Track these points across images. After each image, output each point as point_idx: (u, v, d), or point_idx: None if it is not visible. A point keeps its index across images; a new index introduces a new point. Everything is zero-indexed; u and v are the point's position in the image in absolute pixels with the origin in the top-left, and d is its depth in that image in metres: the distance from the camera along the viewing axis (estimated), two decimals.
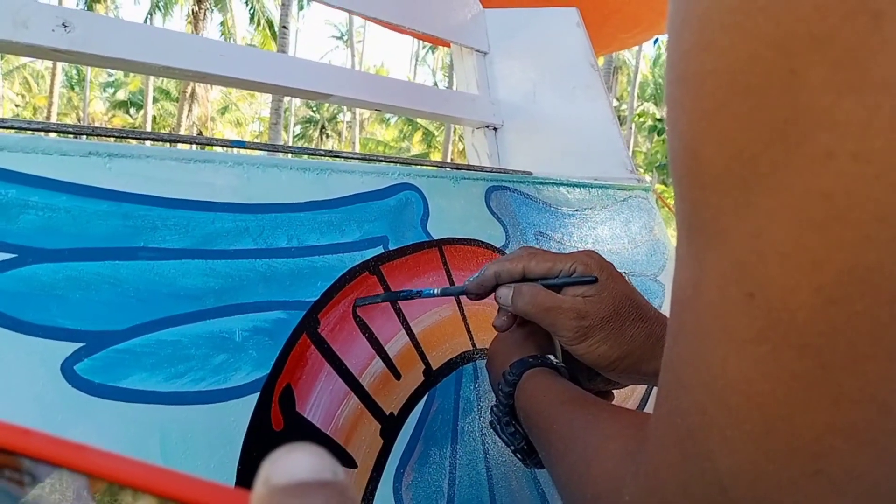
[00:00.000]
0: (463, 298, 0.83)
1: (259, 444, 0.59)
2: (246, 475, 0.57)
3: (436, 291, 0.69)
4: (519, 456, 0.60)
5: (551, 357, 0.62)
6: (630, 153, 1.42)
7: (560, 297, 0.59)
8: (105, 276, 0.55)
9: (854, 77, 0.21)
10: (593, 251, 0.63)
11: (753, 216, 0.24)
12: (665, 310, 1.14)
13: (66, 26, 0.82)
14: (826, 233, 0.22)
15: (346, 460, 0.65)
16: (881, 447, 0.24)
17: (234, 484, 0.57)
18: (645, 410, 1.00)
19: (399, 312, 0.75)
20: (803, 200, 0.22)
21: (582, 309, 0.58)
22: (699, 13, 0.24)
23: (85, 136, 0.71)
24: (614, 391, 0.68)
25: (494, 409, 0.61)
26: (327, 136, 32.04)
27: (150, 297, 0.57)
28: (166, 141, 0.77)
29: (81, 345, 0.52)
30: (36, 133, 0.62)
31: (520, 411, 0.58)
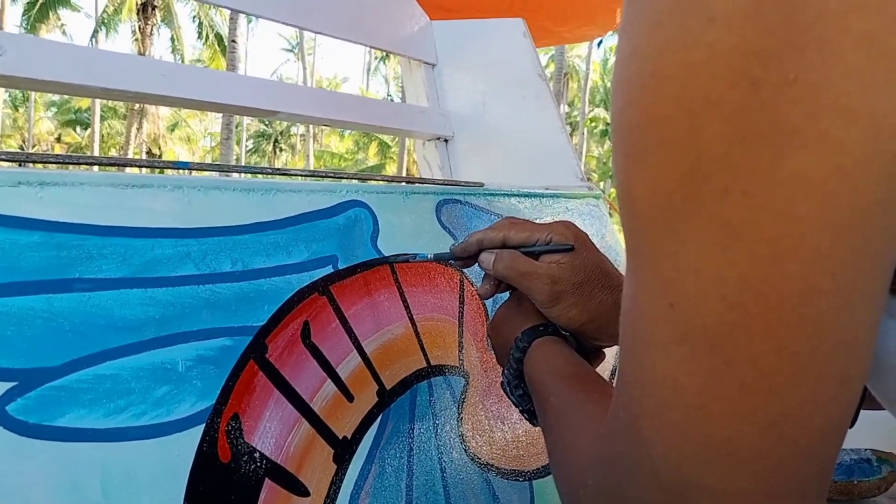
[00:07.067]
0: (420, 304, 0.83)
1: (206, 477, 0.57)
2: None
3: (429, 256, 0.77)
4: (525, 416, 0.64)
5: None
6: (583, 159, 1.43)
7: (536, 262, 0.65)
8: (38, 310, 0.53)
9: (739, 130, 0.26)
10: (570, 222, 0.69)
11: (671, 240, 0.29)
12: None
13: None
14: (726, 252, 0.27)
15: (299, 489, 0.64)
16: (779, 432, 0.28)
17: None
18: None
19: (350, 332, 0.74)
20: (708, 227, 0.27)
21: (555, 274, 0.63)
22: (627, 78, 0.30)
23: (19, 164, 0.68)
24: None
25: (505, 371, 0.65)
26: (281, 150, 31.74)
27: (87, 330, 0.54)
28: (105, 165, 0.75)
29: (14, 384, 0.50)
30: None
31: (526, 376, 0.62)
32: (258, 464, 0.61)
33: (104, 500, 0.52)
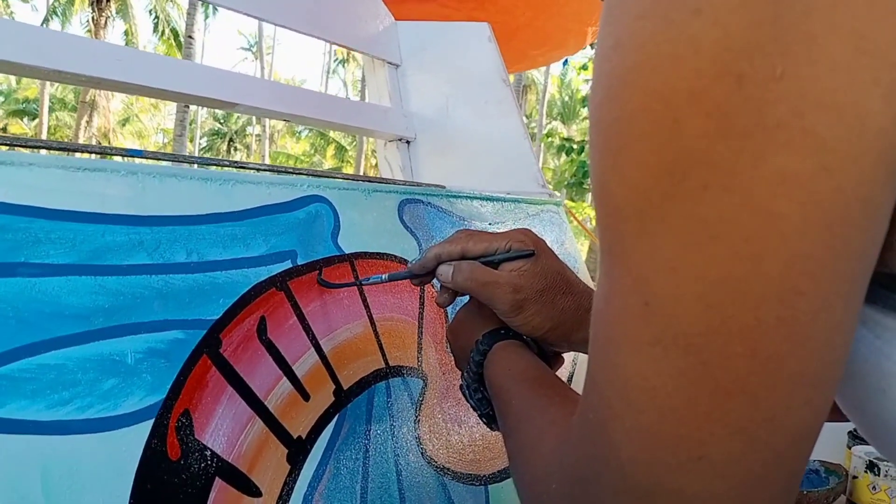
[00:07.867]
0: (379, 307, 0.81)
1: (154, 474, 0.55)
2: None
3: (384, 277, 0.73)
4: (484, 420, 0.63)
5: None
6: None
7: (497, 272, 0.64)
8: None
9: (722, 126, 0.25)
10: (527, 229, 0.68)
11: (648, 238, 0.28)
12: None
13: None
14: (704, 250, 0.26)
15: (250, 489, 0.61)
16: (752, 435, 0.27)
17: None
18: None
19: (308, 329, 0.72)
20: (686, 225, 0.27)
21: (517, 283, 0.62)
22: (607, 71, 0.29)
23: None
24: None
25: (465, 374, 0.64)
26: (235, 150, 31.29)
27: (31, 317, 0.52)
28: (55, 149, 0.72)
29: None
30: None
31: (487, 380, 0.60)
32: (209, 462, 0.59)
33: (45, 496, 0.49)
